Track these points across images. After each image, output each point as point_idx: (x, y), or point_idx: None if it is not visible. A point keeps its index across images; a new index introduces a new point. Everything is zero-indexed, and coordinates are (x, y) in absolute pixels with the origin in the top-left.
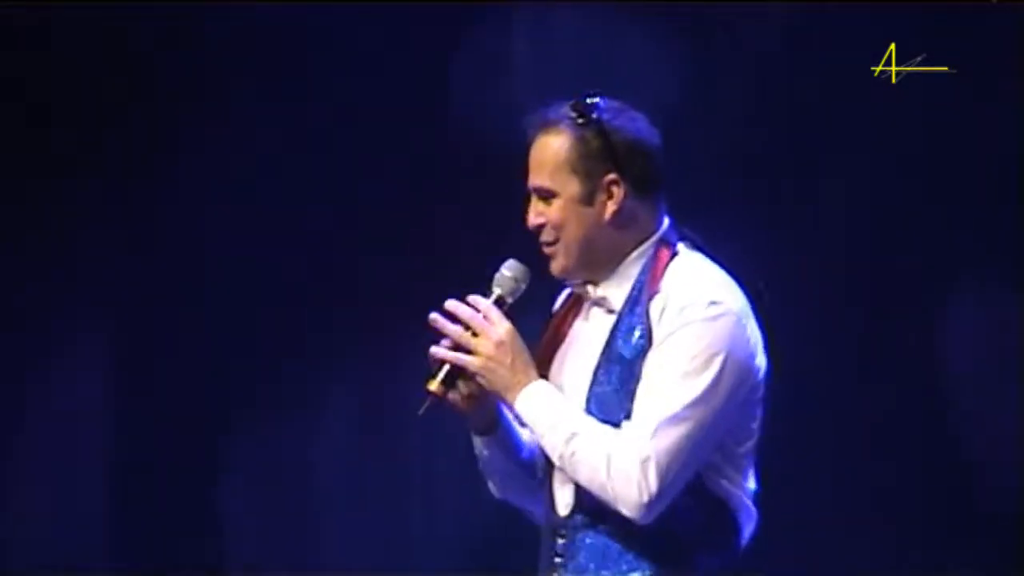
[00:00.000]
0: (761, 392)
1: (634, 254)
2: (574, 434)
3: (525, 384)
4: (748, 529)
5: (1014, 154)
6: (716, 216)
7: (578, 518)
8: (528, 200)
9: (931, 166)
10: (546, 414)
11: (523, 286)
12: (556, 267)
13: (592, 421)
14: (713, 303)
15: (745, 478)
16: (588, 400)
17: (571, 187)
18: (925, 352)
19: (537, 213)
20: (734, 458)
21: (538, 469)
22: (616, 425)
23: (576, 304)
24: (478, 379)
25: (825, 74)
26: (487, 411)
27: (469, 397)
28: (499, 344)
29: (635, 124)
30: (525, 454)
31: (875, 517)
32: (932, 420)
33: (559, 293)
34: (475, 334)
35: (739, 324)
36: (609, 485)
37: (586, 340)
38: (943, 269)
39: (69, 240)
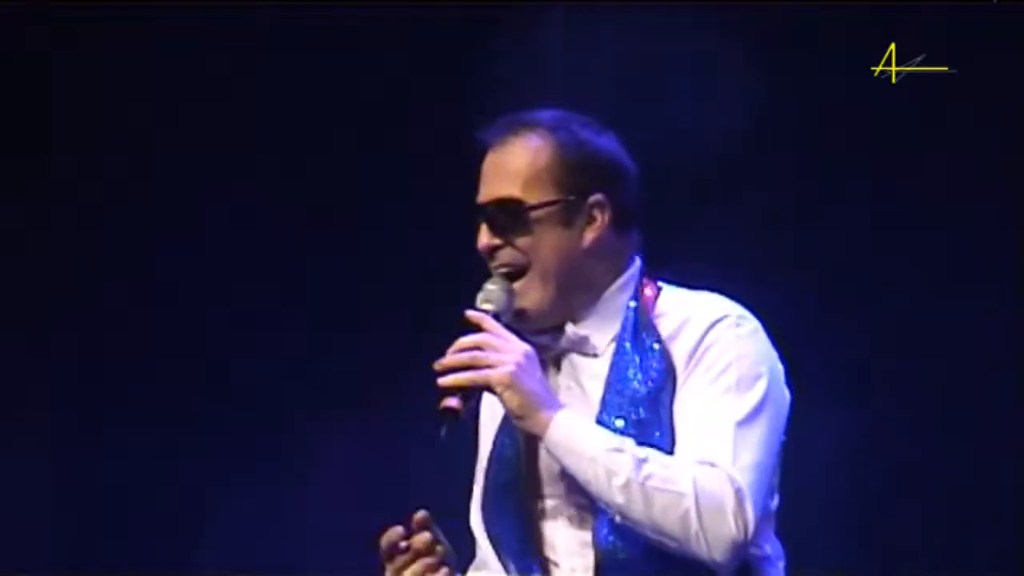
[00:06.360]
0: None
1: (614, 287)
2: (646, 458)
3: (559, 406)
4: None
5: (1014, 154)
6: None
7: None
8: (481, 220)
9: (930, 166)
10: (598, 436)
11: (513, 299)
12: (530, 303)
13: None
14: (742, 316)
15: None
16: None
17: (549, 202)
18: (925, 352)
19: (494, 232)
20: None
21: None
22: None
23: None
24: (501, 396)
25: (825, 74)
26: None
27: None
28: (525, 354)
29: (615, 144)
30: None
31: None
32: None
33: None
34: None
35: (768, 339)
36: (695, 519)
37: (570, 395)
38: (941, 270)
39: None
